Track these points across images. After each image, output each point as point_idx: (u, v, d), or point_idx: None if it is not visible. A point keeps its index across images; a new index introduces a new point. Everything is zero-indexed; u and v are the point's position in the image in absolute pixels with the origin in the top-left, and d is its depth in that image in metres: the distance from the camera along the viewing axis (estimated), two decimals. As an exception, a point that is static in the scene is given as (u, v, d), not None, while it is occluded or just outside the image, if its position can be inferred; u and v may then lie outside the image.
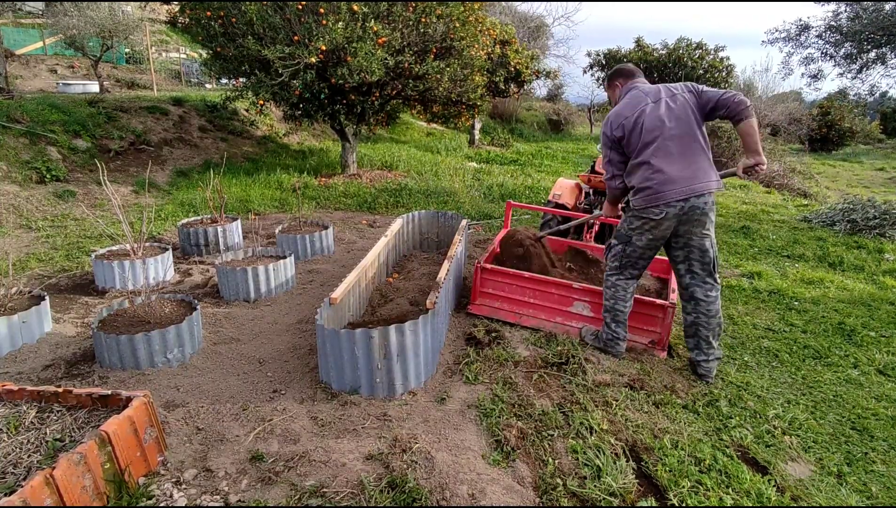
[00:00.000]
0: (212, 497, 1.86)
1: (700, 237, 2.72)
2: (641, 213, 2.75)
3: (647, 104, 2.74)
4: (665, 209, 2.66)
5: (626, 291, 2.96)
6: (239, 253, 4.05)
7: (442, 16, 7.31)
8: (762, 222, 6.94)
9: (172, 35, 16.79)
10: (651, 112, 2.71)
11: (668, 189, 2.63)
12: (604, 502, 1.92)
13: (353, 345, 2.40)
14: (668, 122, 2.67)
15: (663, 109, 2.70)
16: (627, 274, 2.94)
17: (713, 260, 2.77)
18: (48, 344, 3.00)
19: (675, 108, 2.69)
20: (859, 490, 2.11)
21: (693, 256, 2.77)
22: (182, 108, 9.66)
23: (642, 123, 2.71)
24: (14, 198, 5.74)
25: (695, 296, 2.82)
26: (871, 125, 28.20)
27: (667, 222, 2.69)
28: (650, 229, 2.75)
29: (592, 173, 5.18)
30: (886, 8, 9.74)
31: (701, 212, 2.65)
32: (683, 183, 2.61)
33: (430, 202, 7.14)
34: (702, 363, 2.85)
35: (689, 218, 2.67)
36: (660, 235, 2.76)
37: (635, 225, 2.81)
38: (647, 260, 2.90)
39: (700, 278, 2.80)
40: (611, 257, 3.00)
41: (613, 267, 2.97)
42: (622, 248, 2.91)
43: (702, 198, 2.63)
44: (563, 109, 24.31)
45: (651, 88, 2.82)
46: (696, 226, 2.69)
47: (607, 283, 3.01)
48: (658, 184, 2.65)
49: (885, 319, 3.89)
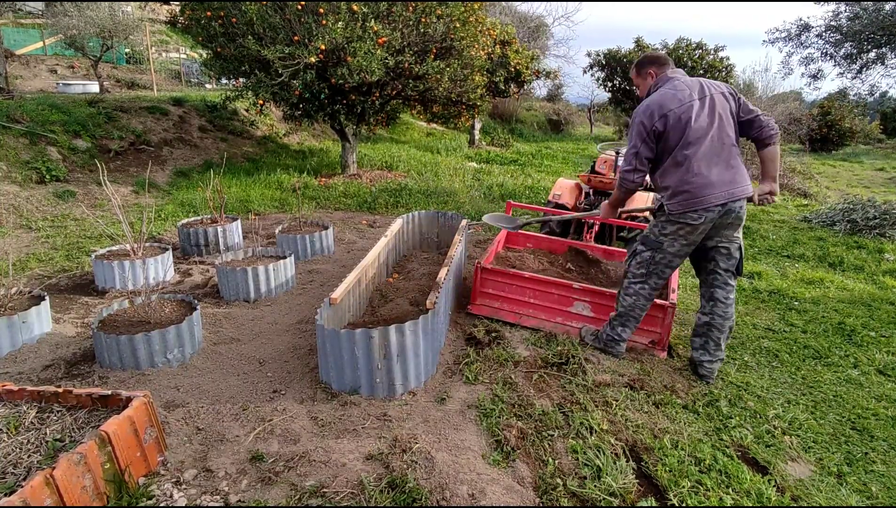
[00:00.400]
0: (212, 497, 1.86)
1: (729, 241, 2.69)
2: (678, 218, 2.61)
3: (693, 101, 2.58)
4: (704, 214, 2.56)
5: (648, 300, 2.87)
6: (239, 253, 4.05)
7: (442, 16, 7.31)
8: (762, 222, 6.94)
9: (172, 35, 16.80)
10: (698, 110, 2.56)
11: (708, 193, 2.53)
12: (604, 502, 1.92)
13: (353, 345, 2.40)
14: (713, 123, 2.56)
15: (708, 108, 2.58)
16: (652, 283, 2.82)
17: (738, 262, 2.74)
18: (48, 344, 2.99)
19: (717, 109, 2.59)
20: (859, 490, 2.11)
21: (720, 256, 2.73)
22: (182, 108, 9.66)
23: (689, 120, 2.54)
24: (14, 198, 5.74)
25: (714, 296, 2.78)
26: (871, 125, 28.20)
27: (703, 227, 2.60)
28: (685, 234, 2.64)
29: (592, 173, 5.18)
30: (886, 8, 9.73)
31: (736, 216, 2.60)
32: (723, 187, 2.53)
33: (430, 202, 7.14)
34: (705, 363, 2.84)
35: (724, 222, 2.62)
36: (693, 240, 2.66)
37: (668, 230, 2.67)
38: (674, 268, 2.80)
39: (722, 279, 2.76)
40: (636, 264, 2.85)
41: (638, 275, 2.83)
42: (651, 255, 2.77)
43: (738, 203, 2.58)
44: (563, 109, 24.33)
45: (692, 82, 2.65)
46: (728, 230, 2.65)
47: (628, 290, 2.88)
48: (698, 188, 2.54)
49: (885, 319, 3.89)
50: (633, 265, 2.88)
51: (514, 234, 4.42)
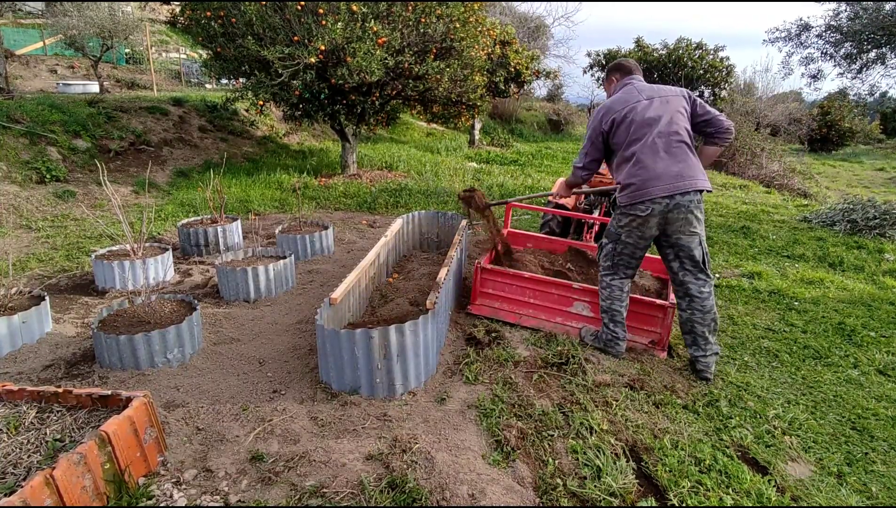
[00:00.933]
0: (212, 498, 1.86)
1: (688, 236, 2.74)
2: (628, 210, 2.77)
3: (639, 101, 2.77)
4: (650, 206, 2.67)
5: (622, 290, 2.97)
6: (239, 253, 4.05)
7: (442, 16, 7.31)
8: (762, 222, 6.94)
9: (172, 35, 16.80)
10: (642, 109, 2.74)
11: (652, 185, 2.65)
12: (604, 502, 1.92)
13: (353, 345, 2.40)
14: (657, 120, 2.71)
15: (655, 106, 2.74)
16: (621, 273, 2.95)
17: (703, 257, 2.79)
18: (48, 344, 2.99)
19: (666, 107, 2.74)
20: (859, 491, 2.11)
21: (682, 253, 2.79)
22: (182, 108, 9.66)
23: (632, 118, 2.73)
24: (14, 198, 5.74)
25: (689, 292, 2.83)
26: (871, 125, 28.21)
27: (653, 220, 2.72)
28: (637, 226, 2.77)
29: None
30: (886, 8, 9.73)
31: (686, 210, 2.67)
32: (669, 180, 2.64)
33: (430, 202, 7.14)
34: (699, 358, 2.86)
35: (676, 216, 2.69)
36: (647, 233, 2.79)
37: (623, 222, 2.83)
38: (639, 259, 2.92)
39: (692, 275, 2.81)
40: (603, 257, 3.02)
41: (606, 267, 2.99)
42: (613, 246, 2.94)
43: (687, 196, 2.65)
44: (563, 110, 24.32)
45: (645, 87, 2.85)
46: (684, 224, 2.71)
47: (602, 283, 3.03)
48: (643, 180, 2.68)
49: (885, 319, 3.89)
50: (601, 259, 3.04)
51: (515, 234, 4.42)
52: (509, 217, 4.36)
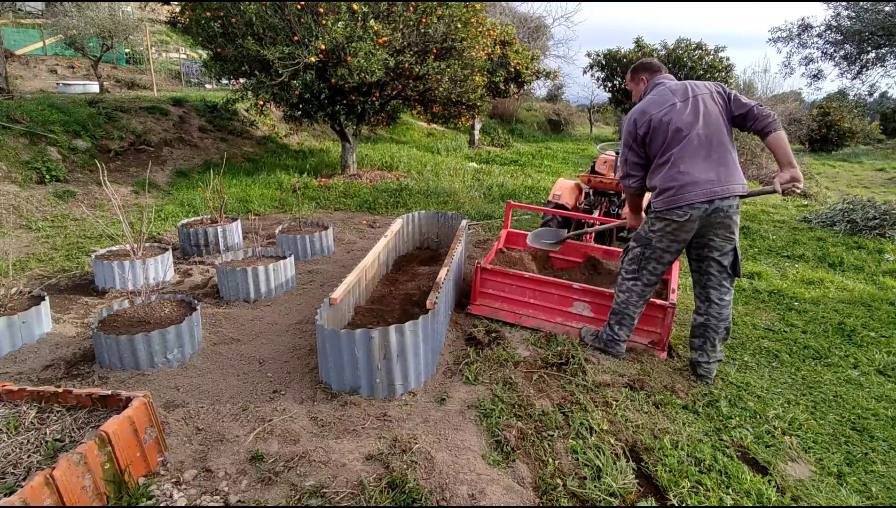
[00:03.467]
0: (212, 498, 1.86)
1: (722, 240, 2.66)
2: (664, 214, 2.66)
3: (674, 103, 2.64)
4: (689, 211, 2.57)
5: (642, 297, 2.88)
6: (239, 253, 4.05)
7: (442, 16, 7.31)
8: (762, 222, 6.94)
9: (172, 35, 16.80)
10: (679, 110, 2.61)
11: (691, 190, 2.55)
12: (604, 502, 1.92)
13: (352, 345, 2.40)
14: (695, 122, 2.59)
15: (691, 108, 2.62)
16: (645, 280, 2.84)
17: (733, 264, 2.71)
18: (48, 344, 2.99)
19: (704, 108, 2.61)
20: (859, 491, 2.11)
21: (713, 256, 2.70)
22: (182, 108, 9.66)
23: (669, 121, 2.61)
24: (14, 198, 5.74)
25: (710, 298, 2.77)
26: (871, 125, 28.21)
27: (689, 225, 2.61)
28: (672, 231, 2.67)
29: (592, 174, 5.18)
30: (886, 8, 9.74)
31: (725, 215, 2.57)
32: (708, 185, 2.54)
33: (430, 202, 7.14)
34: (703, 364, 2.85)
35: (713, 221, 2.59)
36: (682, 237, 2.68)
37: (656, 227, 2.72)
38: (666, 265, 2.81)
39: (717, 281, 2.74)
40: (628, 261, 2.90)
41: (630, 271, 2.87)
42: (641, 251, 2.82)
43: (726, 201, 2.55)
44: (563, 110, 24.34)
45: (678, 86, 2.72)
46: (720, 229, 2.62)
47: (622, 287, 2.92)
48: (681, 185, 2.57)
49: (885, 319, 3.89)
50: (625, 262, 2.94)
51: (515, 234, 4.42)
52: (509, 217, 4.35)
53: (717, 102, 2.65)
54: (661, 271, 2.83)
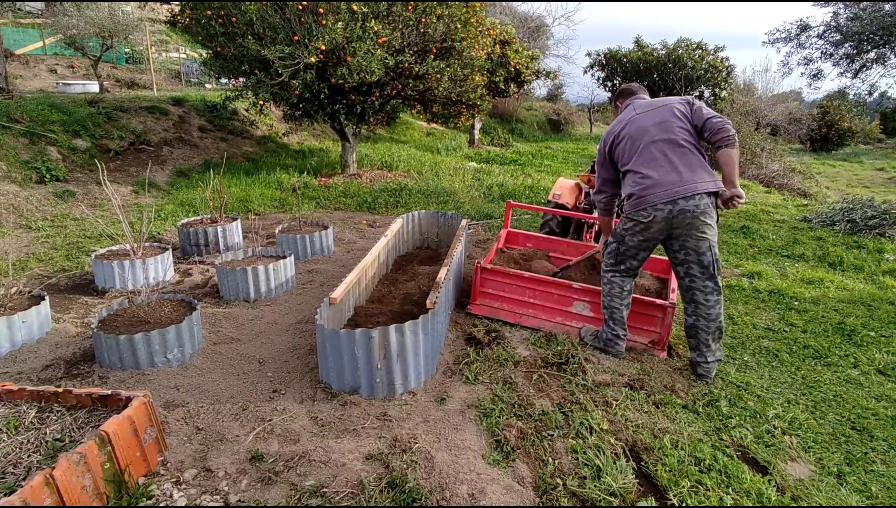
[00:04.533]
0: (212, 497, 1.86)
1: (696, 240, 2.72)
2: (631, 216, 2.83)
3: (634, 115, 2.87)
4: (652, 212, 2.71)
5: (623, 288, 2.99)
6: (239, 253, 4.05)
7: (442, 16, 7.31)
8: (762, 222, 6.94)
9: (172, 35, 16.80)
10: (637, 121, 2.83)
11: (652, 193, 2.69)
12: (604, 502, 1.92)
13: (352, 345, 2.40)
14: (651, 128, 2.77)
15: (649, 117, 2.81)
16: (623, 272, 2.98)
17: (712, 264, 2.74)
18: (48, 344, 2.99)
19: (662, 116, 2.79)
20: (859, 490, 2.11)
21: (690, 258, 2.77)
22: (182, 108, 9.66)
23: (627, 132, 2.83)
24: (14, 198, 5.74)
25: (695, 299, 2.82)
26: (871, 125, 28.20)
27: (656, 225, 2.74)
28: (640, 230, 2.81)
29: (592, 173, 5.18)
30: (886, 8, 9.74)
31: (692, 215, 2.65)
32: (669, 186, 2.67)
33: (430, 202, 7.14)
34: (701, 363, 2.86)
35: (681, 221, 2.68)
36: (651, 236, 2.82)
37: (627, 226, 2.89)
38: (642, 259, 2.96)
39: (699, 282, 2.79)
40: (606, 255, 3.06)
41: (609, 264, 3.03)
42: (616, 246, 2.98)
43: (691, 201, 2.63)
44: (563, 109, 24.32)
45: (644, 102, 2.95)
46: (690, 229, 2.70)
47: (604, 280, 3.07)
48: (643, 189, 2.73)
49: (885, 319, 3.89)
50: (605, 255, 3.10)
51: (515, 233, 4.42)
52: (509, 217, 4.36)
53: (679, 110, 2.80)
54: (637, 264, 2.98)
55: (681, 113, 2.79)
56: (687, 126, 2.77)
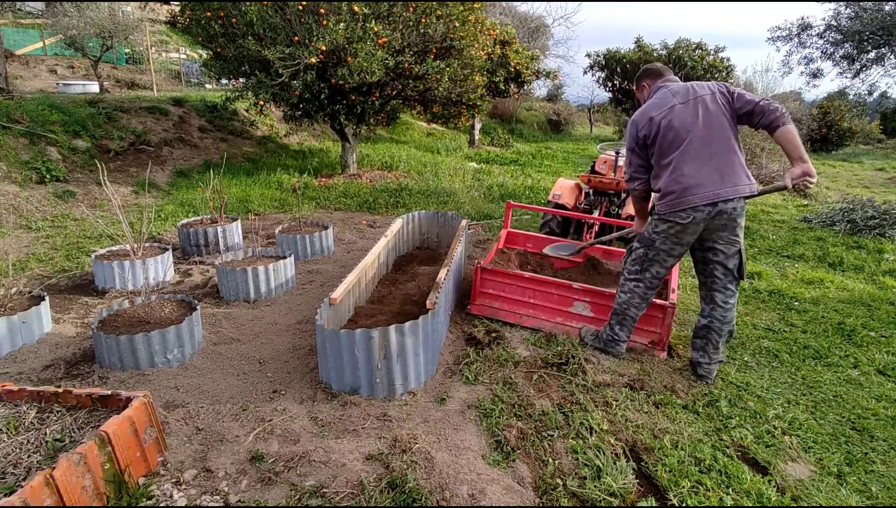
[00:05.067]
0: (212, 498, 1.86)
1: (726, 243, 2.64)
2: (667, 217, 2.65)
3: (675, 104, 2.63)
4: (692, 214, 2.56)
5: (643, 299, 2.88)
6: (239, 253, 4.05)
7: (442, 16, 7.31)
8: (762, 222, 6.94)
9: (172, 35, 16.80)
10: (679, 112, 2.60)
11: (694, 193, 2.53)
12: (604, 502, 1.92)
13: (352, 346, 2.40)
14: (697, 123, 2.56)
15: (692, 109, 2.59)
16: (647, 282, 2.84)
17: (738, 267, 2.70)
18: (48, 344, 2.99)
19: (705, 109, 2.58)
20: (859, 491, 2.11)
21: (718, 260, 2.69)
22: (182, 108, 9.66)
23: (670, 123, 2.60)
24: (14, 198, 5.74)
25: (714, 300, 2.76)
26: (871, 125, 28.20)
27: (693, 227, 2.60)
28: (675, 233, 2.65)
29: (592, 173, 5.18)
30: (886, 8, 9.75)
31: (729, 217, 2.55)
32: (711, 187, 2.51)
33: (430, 202, 7.14)
34: (703, 364, 2.85)
35: (717, 224, 2.58)
36: (685, 240, 2.67)
37: (660, 229, 2.71)
38: (669, 267, 2.81)
39: (721, 284, 2.73)
40: (631, 261, 2.90)
41: (633, 271, 2.87)
42: (644, 252, 2.81)
43: (730, 203, 2.52)
44: (563, 110, 24.33)
45: (680, 88, 2.70)
46: (724, 231, 2.61)
47: (624, 288, 2.92)
48: (684, 188, 2.55)
49: (885, 319, 3.89)
50: (629, 262, 2.92)
51: (515, 234, 4.42)
52: (509, 217, 4.36)
53: (720, 101, 2.60)
54: (663, 273, 2.82)
55: (724, 103, 2.59)
56: (731, 118, 2.59)
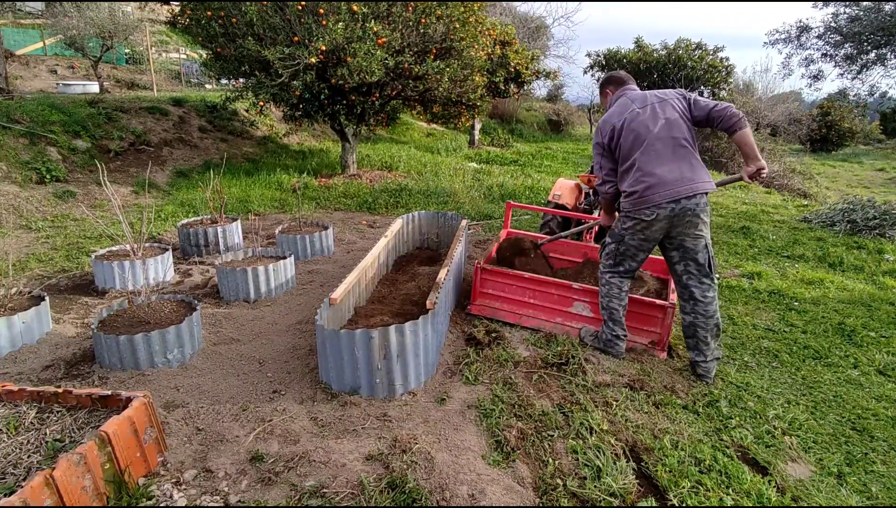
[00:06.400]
0: (212, 498, 1.86)
1: (693, 239, 2.76)
2: (633, 214, 2.80)
3: (634, 109, 2.81)
4: (655, 211, 2.70)
5: (621, 289, 2.99)
6: (239, 253, 4.05)
7: (442, 16, 7.31)
8: (762, 223, 6.94)
9: (172, 36, 16.80)
10: (637, 117, 2.78)
11: (656, 192, 2.68)
12: (604, 502, 1.92)
13: (352, 346, 2.40)
14: (653, 126, 2.73)
15: (649, 113, 2.77)
16: (621, 272, 2.98)
17: (708, 260, 2.80)
18: (48, 344, 2.99)
19: (661, 112, 2.76)
20: (859, 491, 2.11)
21: (688, 257, 2.80)
22: (182, 108, 9.66)
23: (629, 127, 2.78)
24: (14, 198, 5.74)
25: (693, 296, 2.84)
26: (871, 126, 28.19)
27: (658, 224, 2.74)
28: (641, 229, 2.80)
29: (592, 174, 5.18)
30: (886, 9, 9.74)
31: (692, 214, 2.68)
32: (672, 185, 2.66)
33: (430, 202, 7.14)
34: (700, 363, 2.86)
35: (681, 220, 2.71)
36: (651, 236, 2.81)
37: (627, 225, 2.86)
38: (641, 260, 2.95)
39: (696, 279, 2.82)
40: (605, 256, 3.05)
41: (607, 265, 3.02)
42: (615, 246, 2.96)
43: (692, 200, 2.67)
44: (563, 110, 24.34)
45: (639, 95, 2.89)
46: (689, 228, 2.73)
47: (602, 281, 3.06)
48: (646, 187, 2.70)
49: (885, 319, 3.89)
50: (603, 256, 3.08)
51: (515, 234, 4.41)
52: (509, 217, 4.36)
53: (678, 106, 2.79)
54: (636, 265, 2.96)
55: (681, 109, 2.78)
56: (688, 123, 2.77)
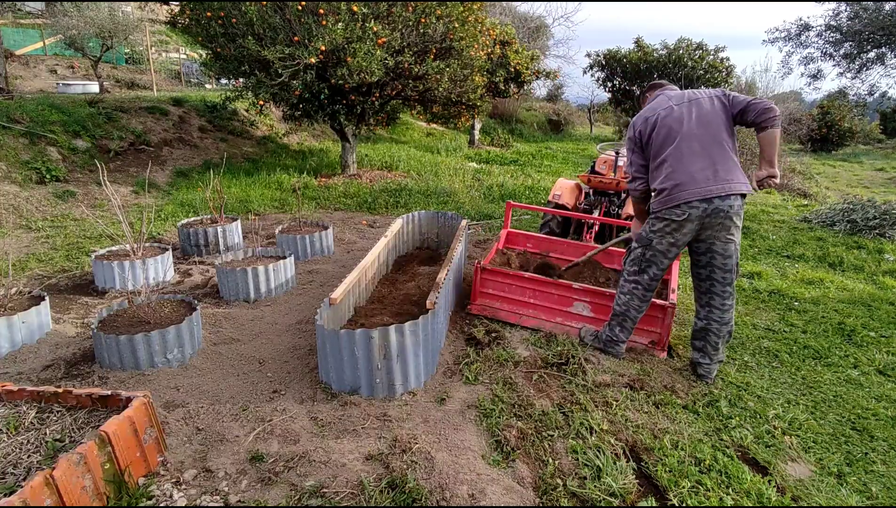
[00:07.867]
0: (212, 498, 1.86)
1: (724, 243, 2.65)
2: (662, 214, 2.67)
3: (669, 106, 2.72)
4: (687, 210, 2.57)
5: (643, 301, 2.88)
6: (239, 253, 4.05)
7: (441, 16, 7.31)
8: (762, 223, 6.94)
9: (172, 35, 16.79)
10: (672, 113, 2.68)
11: (687, 189, 2.55)
12: (604, 502, 1.92)
13: (352, 345, 2.40)
14: (688, 122, 2.62)
15: (686, 109, 2.66)
16: (645, 282, 2.84)
17: (734, 267, 2.71)
18: (48, 344, 2.99)
19: (699, 109, 2.65)
20: (859, 491, 2.11)
21: (715, 262, 2.70)
22: (182, 108, 9.66)
23: (662, 122, 2.68)
24: (14, 198, 5.74)
25: (711, 303, 2.77)
26: (871, 125, 28.19)
27: (688, 225, 2.61)
28: (672, 231, 2.67)
29: (592, 174, 5.18)
30: (886, 8, 9.74)
31: (725, 215, 2.56)
32: (704, 183, 2.54)
33: (430, 202, 7.14)
34: (704, 365, 2.85)
35: (713, 222, 2.58)
36: (680, 239, 2.68)
37: (656, 227, 2.73)
38: (665, 267, 2.81)
39: (720, 286, 2.73)
40: (629, 262, 2.91)
41: (632, 271, 2.88)
42: (642, 251, 2.83)
43: (726, 201, 2.54)
44: (563, 110, 24.33)
45: (676, 93, 2.81)
46: (720, 230, 2.61)
47: (623, 289, 2.92)
48: (676, 184, 2.59)
49: (885, 319, 3.89)
50: (627, 263, 2.94)
51: (515, 234, 4.42)
52: (509, 217, 4.36)
53: (716, 103, 2.68)
54: (660, 275, 2.84)
55: (720, 105, 2.66)
56: (727, 120, 2.64)
